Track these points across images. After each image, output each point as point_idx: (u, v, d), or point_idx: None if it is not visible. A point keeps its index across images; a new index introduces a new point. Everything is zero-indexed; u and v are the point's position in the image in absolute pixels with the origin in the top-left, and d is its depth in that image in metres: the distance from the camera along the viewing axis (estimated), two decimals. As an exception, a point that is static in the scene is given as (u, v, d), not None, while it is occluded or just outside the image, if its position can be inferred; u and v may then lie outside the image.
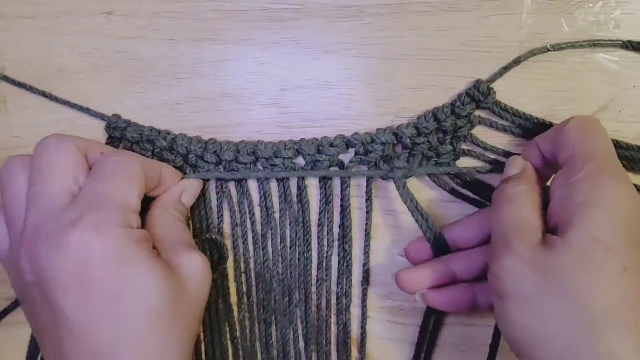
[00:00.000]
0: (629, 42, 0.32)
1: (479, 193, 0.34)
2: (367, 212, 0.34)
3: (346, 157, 0.34)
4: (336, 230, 0.35)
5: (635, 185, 0.32)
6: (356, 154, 0.34)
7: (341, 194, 0.34)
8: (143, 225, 0.30)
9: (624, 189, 0.27)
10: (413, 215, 0.33)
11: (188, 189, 0.34)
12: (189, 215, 0.35)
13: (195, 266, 0.29)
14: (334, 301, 0.36)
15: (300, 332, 0.36)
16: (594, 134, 0.28)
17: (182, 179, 0.34)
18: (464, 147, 0.34)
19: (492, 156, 0.34)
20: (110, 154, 0.30)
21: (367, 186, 0.34)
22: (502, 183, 0.30)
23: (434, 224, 0.33)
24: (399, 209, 0.35)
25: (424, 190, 0.35)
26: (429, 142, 0.33)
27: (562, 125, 0.30)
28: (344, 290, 0.35)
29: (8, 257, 0.29)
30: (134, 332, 0.26)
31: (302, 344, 0.36)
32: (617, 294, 0.24)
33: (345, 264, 0.35)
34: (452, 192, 0.34)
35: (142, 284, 0.26)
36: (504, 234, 0.27)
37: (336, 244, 0.35)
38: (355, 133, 0.34)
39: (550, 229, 0.27)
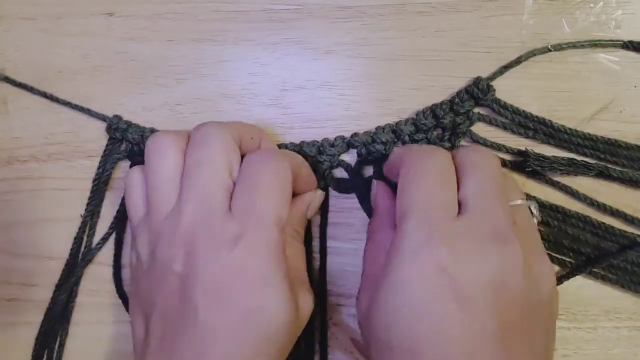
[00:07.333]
0: (630, 42, 0.32)
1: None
2: None
3: (347, 157, 0.34)
4: (335, 231, 0.35)
5: (636, 182, 0.32)
6: (358, 155, 0.34)
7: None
8: None
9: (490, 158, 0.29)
10: None
11: (313, 203, 0.32)
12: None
13: (305, 310, 0.27)
14: (335, 301, 0.35)
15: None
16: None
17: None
18: (463, 143, 0.34)
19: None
20: (261, 155, 0.28)
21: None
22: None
23: None
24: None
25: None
26: (427, 139, 0.33)
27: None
28: (345, 291, 0.35)
29: (142, 224, 0.29)
30: (241, 350, 0.25)
31: (302, 344, 0.36)
32: None
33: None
34: None
35: (274, 312, 0.25)
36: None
37: (336, 244, 0.35)
38: (355, 134, 0.34)
39: None
